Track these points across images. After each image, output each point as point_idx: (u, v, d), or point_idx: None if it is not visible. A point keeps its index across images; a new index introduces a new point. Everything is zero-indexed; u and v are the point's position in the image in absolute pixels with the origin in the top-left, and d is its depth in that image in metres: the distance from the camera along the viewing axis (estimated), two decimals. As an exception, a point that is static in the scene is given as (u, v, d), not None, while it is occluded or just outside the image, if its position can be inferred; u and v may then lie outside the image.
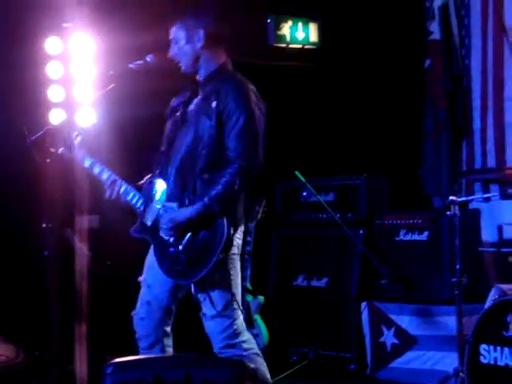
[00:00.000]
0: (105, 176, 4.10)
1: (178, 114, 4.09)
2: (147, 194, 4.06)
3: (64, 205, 4.59)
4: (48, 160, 4.13)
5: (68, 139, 4.18)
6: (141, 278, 4.13)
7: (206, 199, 3.84)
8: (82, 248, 4.85)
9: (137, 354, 4.03)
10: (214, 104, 3.93)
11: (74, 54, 5.52)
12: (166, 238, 3.95)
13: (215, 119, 3.92)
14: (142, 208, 4.03)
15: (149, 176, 4.12)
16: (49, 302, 4.46)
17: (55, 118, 5.44)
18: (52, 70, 5.52)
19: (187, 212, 3.88)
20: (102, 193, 4.10)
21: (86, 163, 4.15)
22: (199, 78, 4.06)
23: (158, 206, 4.00)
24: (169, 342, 4.13)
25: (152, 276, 4.06)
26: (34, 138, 4.09)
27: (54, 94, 5.50)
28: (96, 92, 5.32)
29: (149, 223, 4.01)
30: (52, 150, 4.13)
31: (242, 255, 4.09)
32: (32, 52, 5.52)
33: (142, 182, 4.12)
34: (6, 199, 5.49)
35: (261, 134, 3.96)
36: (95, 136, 5.47)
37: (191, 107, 4.06)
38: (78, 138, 4.19)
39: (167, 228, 3.91)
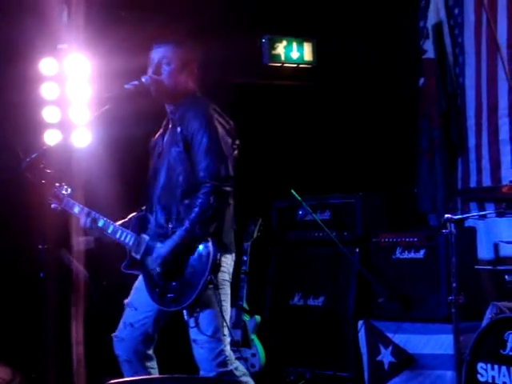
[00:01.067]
0: (83, 214, 4.14)
1: (156, 147, 4.17)
2: (135, 228, 4.10)
3: (60, 226, 4.60)
4: (43, 181, 4.14)
5: (58, 192, 4.22)
6: (126, 301, 4.15)
7: (186, 223, 3.90)
8: (79, 268, 4.85)
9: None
10: (178, 130, 4.00)
11: (70, 74, 5.55)
12: (156, 268, 3.97)
13: (182, 145, 3.98)
14: (130, 243, 4.06)
15: (135, 213, 4.16)
16: (45, 324, 4.45)
17: (51, 138, 5.45)
18: (47, 90, 5.54)
19: (171, 243, 3.93)
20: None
21: (76, 210, 4.20)
22: (170, 107, 4.10)
23: (146, 238, 4.04)
24: (152, 364, 4.14)
25: (139, 300, 4.09)
26: (29, 159, 4.09)
27: (49, 114, 5.52)
28: (91, 113, 5.34)
29: (138, 256, 4.05)
30: (47, 171, 4.14)
31: (237, 275, 4.12)
32: (27, 73, 5.54)
33: (127, 219, 4.17)
34: (1, 220, 5.49)
35: (227, 150, 3.98)
36: (90, 157, 5.50)
37: (165, 138, 4.11)
38: (69, 190, 4.24)
39: (156, 267, 3.95)
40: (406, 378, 5.40)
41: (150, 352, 4.14)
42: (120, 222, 4.17)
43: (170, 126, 4.11)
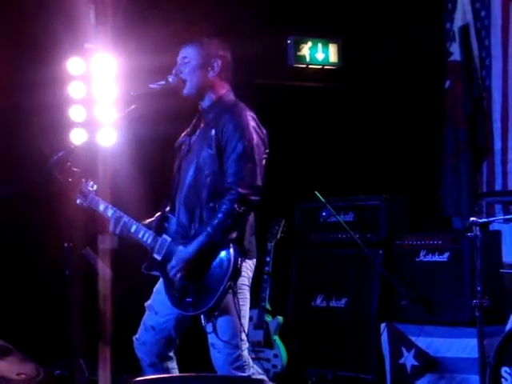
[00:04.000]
0: (110, 213, 4.15)
1: (183, 147, 4.14)
2: (157, 228, 4.09)
3: (85, 224, 4.63)
4: (70, 179, 4.16)
5: (84, 188, 4.24)
6: (147, 303, 4.15)
7: (208, 229, 3.87)
8: (104, 267, 4.87)
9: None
10: (212, 132, 3.98)
11: (96, 74, 5.58)
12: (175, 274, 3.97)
13: (215, 147, 3.95)
14: (152, 244, 4.06)
15: (158, 213, 4.16)
16: (70, 321, 4.48)
17: (77, 137, 5.49)
18: (74, 90, 5.58)
19: (192, 247, 3.91)
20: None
21: (101, 207, 4.21)
22: (202, 106, 4.09)
23: (168, 239, 4.03)
24: (173, 365, 4.15)
25: (160, 302, 4.09)
26: (56, 157, 4.12)
27: (75, 113, 5.57)
28: (117, 112, 5.36)
29: (159, 257, 4.04)
30: (74, 169, 4.17)
31: (260, 276, 4.11)
32: (54, 72, 5.58)
33: (154, 218, 4.16)
34: (28, 218, 5.54)
35: (260, 159, 3.97)
36: (116, 156, 5.53)
37: (194, 138, 4.10)
38: (95, 187, 4.24)
39: (176, 269, 3.94)
40: (429, 381, 5.38)
41: (171, 354, 4.15)
42: (147, 222, 4.17)
43: (203, 125, 4.09)
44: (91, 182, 4.26)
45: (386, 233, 5.88)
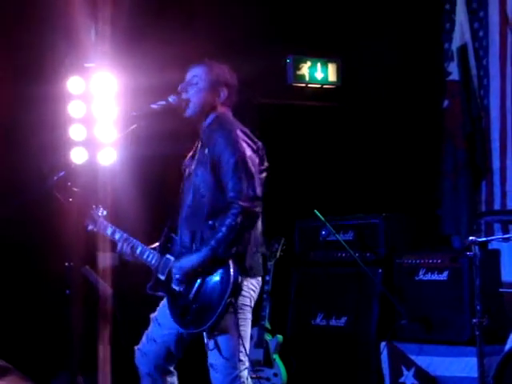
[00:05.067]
0: (117, 236, 4.17)
1: (187, 169, 4.17)
2: (161, 249, 4.12)
3: (86, 243, 4.63)
4: (71, 199, 4.17)
5: (94, 214, 4.26)
6: (153, 315, 4.16)
7: (212, 242, 3.87)
8: (104, 285, 4.87)
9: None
10: (206, 151, 4.00)
11: (96, 93, 5.59)
12: (178, 288, 3.98)
13: (209, 166, 3.97)
14: (156, 264, 4.07)
15: (164, 233, 4.17)
16: (71, 340, 4.48)
17: (77, 156, 5.50)
18: (74, 109, 5.59)
19: (194, 257, 3.92)
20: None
21: (108, 231, 4.23)
22: (202, 127, 4.11)
23: (171, 259, 4.06)
24: (173, 379, 4.14)
25: (164, 316, 4.08)
26: (57, 177, 4.13)
27: (75, 133, 5.57)
28: (118, 132, 5.38)
29: (163, 278, 4.05)
30: (75, 189, 4.18)
31: (260, 294, 4.10)
32: (54, 91, 5.59)
33: (157, 243, 4.17)
34: (28, 238, 5.53)
35: (256, 171, 3.96)
36: (116, 175, 5.54)
37: (194, 159, 4.13)
38: (104, 213, 4.27)
39: (178, 277, 3.95)
40: (429, 400, 5.38)
41: (171, 368, 4.15)
42: (153, 246, 4.18)
43: (199, 146, 4.13)
44: (101, 208, 4.28)
45: (385, 251, 5.89)
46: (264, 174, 4.05)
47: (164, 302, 4.13)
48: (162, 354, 4.09)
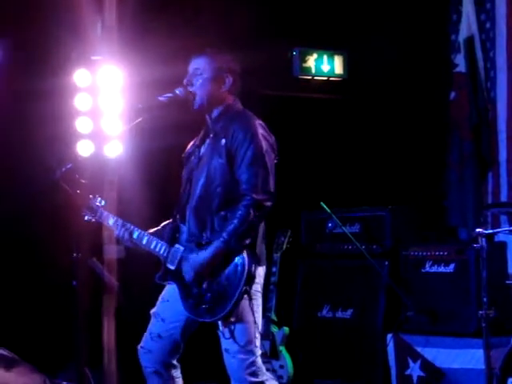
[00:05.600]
0: (119, 225, 4.17)
1: (193, 157, 4.16)
2: (169, 238, 4.12)
3: (92, 235, 4.65)
4: (78, 191, 4.18)
5: (92, 204, 4.26)
6: (153, 311, 4.16)
7: (224, 235, 3.89)
8: (110, 277, 4.88)
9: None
10: (222, 142, 4.00)
11: (103, 86, 5.59)
12: (191, 280, 3.99)
13: (225, 156, 3.98)
14: (165, 254, 4.08)
15: (168, 221, 4.18)
16: (77, 332, 4.49)
17: (84, 149, 5.51)
18: (80, 102, 5.59)
19: (207, 254, 3.93)
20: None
21: (110, 222, 4.23)
22: (211, 117, 4.12)
23: (181, 248, 4.06)
24: (177, 373, 4.15)
25: (166, 310, 4.10)
26: (64, 169, 4.14)
27: (82, 125, 5.57)
28: (124, 124, 5.38)
29: (172, 267, 4.06)
30: (82, 181, 4.19)
31: (266, 286, 4.12)
32: (61, 84, 5.59)
33: (160, 227, 4.18)
34: (35, 230, 5.55)
35: (270, 165, 4.00)
36: (122, 168, 5.55)
37: (204, 148, 4.12)
38: (103, 202, 4.26)
39: (192, 276, 3.96)
40: (435, 392, 5.39)
41: (175, 361, 4.15)
42: (152, 230, 4.18)
43: (212, 135, 4.11)
44: (99, 198, 4.28)
45: (391, 244, 5.89)
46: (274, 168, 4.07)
47: (164, 296, 4.13)
48: (167, 349, 4.08)
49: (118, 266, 5.34)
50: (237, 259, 3.90)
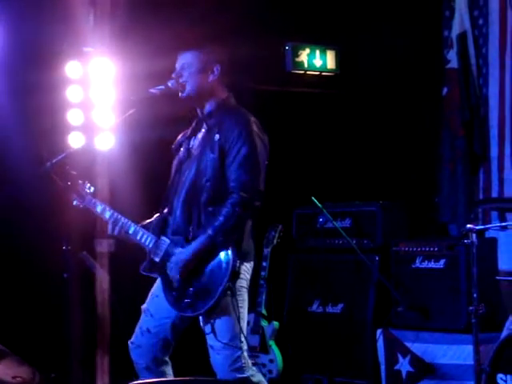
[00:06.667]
0: (107, 214, 4.17)
1: (182, 149, 4.15)
2: (155, 230, 4.11)
3: (84, 228, 4.64)
4: (69, 183, 4.17)
5: (81, 189, 4.24)
6: (143, 306, 4.16)
7: (209, 231, 3.90)
8: (101, 271, 4.87)
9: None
10: (216, 137, 4.00)
11: (94, 78, 5.58)
12: (174, 274, 3.98)
13: (218, 152, 3.97)
14: (150, 245, 4.07)
15: (157, 214, 4.17)
16: (68, 324, 4.49)
17: (75, 141, 5.50)
18: (72, 93, 5.59)
19: (192, 248, 3.94)
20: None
21: (98, 209, 4.22)
22: (204, 111, 4.11)
23: (167, 241, 4.04)
24: (168, 369, 4.15)
25: (156, 305, 4.10)
26: (54, 161, 4.13)
27: (73, 117, 5.57)
28: (115, 116, 5.37)
29: (157, 259, 4.06)
30: (73, 172, 4.18)
31: (256, 281, 4.12)
32: (52, 76, 5.58)
33: (153, 218, 4.17)
34: (26, 222, 5.53)
35: (262, 165, 4.01)
36: (113, 160, 5.54)
37: (195, 141, 4.13)
38: (92, 189, 4.24)
39: (176, 271, 3.95)
40: (424, 387, 5.39)
41: (166, 358, 4.15)
42: (146, 222, 4.17)
43: (205, 130, 4.10)
44: (88, 184, 4.28)
45: (382, 239, 5.89)
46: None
47: (154, 292, 4.13)
48: (157, 345, 4.09)
49: (109, 259, 5.32)
50: (222, 255, 3.91)
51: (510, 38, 5.83)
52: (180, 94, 4.07)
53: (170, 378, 4.13)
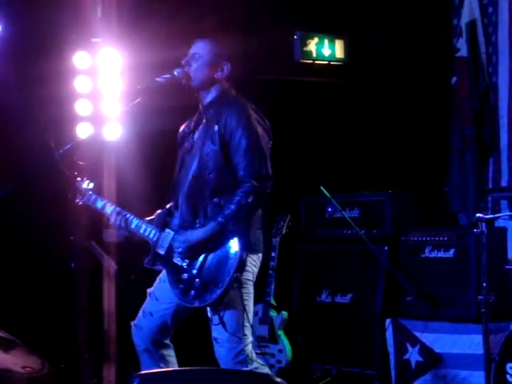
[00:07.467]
0: (109, 209, 4.16)
1: (186, 142, 4.13)
2: (159, 223, 4.10)
3: (91, 218, 4.64)
4: (76, 173, 4.17)
5: (79, 186, 4.24)
6: (149, 290, 4.17)
7: (220, 218, 3.89)
8: (109, 261, 4.88)
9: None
10: (215, 128, 3.99)
11: (102, 68, 5.58)
12: (180, 263, 3.97)
13: (219, 143, 3.96)
14: (154, 238, 4.06)
15: (159, 211, 4.16)
16: (76, 314, 4.49)
17: (83, 131, 5.50)
18: (80, 84, 5.59)
19: (200, 232, 3.93)
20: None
21: (99, 205, 4.21)
22: (203, 103, 4.10)
23: (171, 233, 4.04)
24: (170, 352, 4.16)
25: (162, 290, 4.10)
26: (63, 150, 4.13)
27: (81, 108, 5.58)
28: (123, 107, 5.37)
29: (162, 252, 4.05)
30: (80, 163, 4.18)
31: (265, 271, 4.11)
32: (61, 66, 5.58)
33: (154, 215, 4.16)
34: (34, 212, 5.54)
35: (266, 149, 3.99)
36: (122, 150, 5.54)
37: (197, 134, 4.10)
38: (91, 185, 4.24)
39: (182, 250, 3.95)
40: (433, 377, 5.38)
41: (167, 341, 4.16)
42: (148, 219, 4.17)
43: (204, 121, 4.10)
44: (86, 181, 4.26)
45: (391, 229, 5.87)
46: (269, 152, 4.04)
47: (162, 277, 4.13)
48: (156, 328, 4.10)
49: (117, 249, 5.33)
50: (229, 246, 3.89)
51: (519, 25, 5.79)
52: (183, 82, 4.06)
53: (172, 361, 4.13)
